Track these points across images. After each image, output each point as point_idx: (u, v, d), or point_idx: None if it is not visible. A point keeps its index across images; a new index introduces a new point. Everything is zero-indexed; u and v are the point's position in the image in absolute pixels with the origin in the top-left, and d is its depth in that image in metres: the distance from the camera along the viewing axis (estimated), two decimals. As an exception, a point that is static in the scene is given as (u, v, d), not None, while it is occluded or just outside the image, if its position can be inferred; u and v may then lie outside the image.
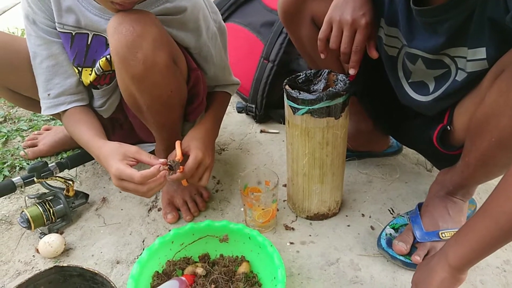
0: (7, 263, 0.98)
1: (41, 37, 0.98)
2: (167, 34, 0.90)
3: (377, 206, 1.09)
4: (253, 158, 1.31)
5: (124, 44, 0.83)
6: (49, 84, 1.01)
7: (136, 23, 0.82)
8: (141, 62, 0.84)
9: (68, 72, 1.02)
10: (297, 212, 1.07)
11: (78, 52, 0.99)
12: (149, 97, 0.92)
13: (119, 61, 0.86)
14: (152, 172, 0.84)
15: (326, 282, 0.89)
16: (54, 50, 1.00)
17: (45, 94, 1.02)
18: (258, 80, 1.42)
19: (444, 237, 0.88)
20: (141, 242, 1.02)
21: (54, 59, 1.00)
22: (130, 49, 0.83)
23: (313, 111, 0.86)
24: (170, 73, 0.91)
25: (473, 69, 0.77)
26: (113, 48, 0.85)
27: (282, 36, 1.37)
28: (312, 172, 0.95)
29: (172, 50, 0.91)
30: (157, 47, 0.85)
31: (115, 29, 0.83)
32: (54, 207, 1.03)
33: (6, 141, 1.44)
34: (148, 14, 0.85)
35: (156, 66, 0.86)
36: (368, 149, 1.25)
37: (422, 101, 0.90)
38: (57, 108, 1.02)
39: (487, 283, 0.88)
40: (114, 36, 0.84)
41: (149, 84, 0.89)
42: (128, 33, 0.82)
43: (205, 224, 0.92)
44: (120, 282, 0.92)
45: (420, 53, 0.84)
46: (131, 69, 0.86)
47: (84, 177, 1.25)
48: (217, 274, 0.85)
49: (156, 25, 0.86)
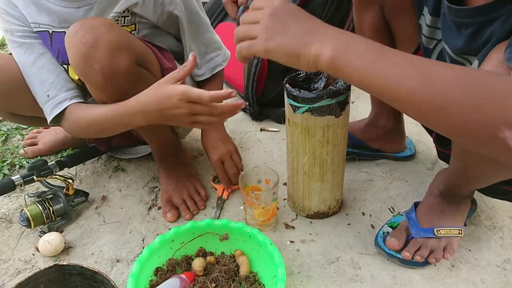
0: (7, 262, 0.98)
1: (22, 44, 0.96)
2: (126, 39, 0.88)
3: (377, 205, 1.09)
4: (253, 157, 1.30)
5: (79, 57, 0.82)
6: (45, 85, 0.97)
7: (87, 33, 0.81)
8: (98, 73, 0.83)
9: (58, 70, 0.99)
10: (297, 211, 1.07)
11: (60, 48, 0.96)
12: (118, 102, 0.90)
13: (79, 74, 0.86)
14: (223, 92, 0.79)
15: (326, 281, 0.89)
16: (37, 50, 0.97)
17: (44, 97, 0.98)
18: (247, 77, 1.42)
19: (439, 234, 0.88)
20: (141, 241, 1.02)
21: (40, 60, 0.97)
22: (85, 61, 0.82)
23: (313, 110, 0.85)
24: (135, 77, 0.89)
25: None
26: (71, 62, 0.85)
27: None
28: (312, 171, 0.95)
29: (135, 53, 0.89)
30: (114, 54, 0.83)
31: (70, 42, 0.82)
32: (54, 206, 1.03)
33: (5, 139, 1.43)
34: (103, 21, 0.84)
35: (116, 74, 0.85)
36: (382, 148, 1.23)
37: None
38: (60, 106, 0.97)
39: (488, 282, 0.88)
40: (70, 50, 0.83)
41: (113, 91, 0.88)
42: (81, 45, 0.81)
43: (205, 223, 0.92)
44: (120, 280, 0.91)
45: (447, 49, 0.82)
46: (91, 80, 0.86)
47: (84, 175, 1.25)
48: (217, 273, 0.85)
49: (111, 31, 0.84)
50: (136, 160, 1.29)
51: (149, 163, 1.27)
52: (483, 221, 1.02)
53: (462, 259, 0.93)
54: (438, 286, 0.87)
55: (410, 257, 0.88)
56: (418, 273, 0.90)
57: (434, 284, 0.88)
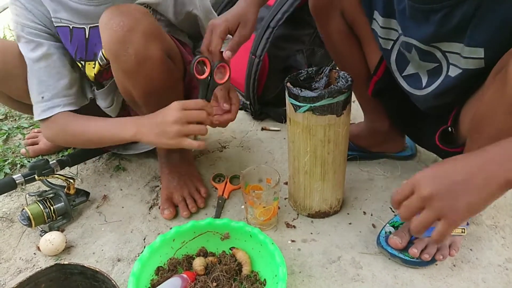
0: (8, 261, 0.98)
1: (30, 41, 0.96)
2: (159, 28, 0.90)
3: (378, 204, 1.09)
4: (254, 156, 1.30)
5: (115, 40, 0.83)
6: (42, 86, 0.98)
7: (126, 17, 0.82)
8: (132, 57, 0.84)
9: (61, 73, 0.99)
10: (298, 210, 1.07)
11: (79, 45, 0.98)
12: (143, 92, 0.92)
13: (111, 56, 0.86)
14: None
15: (327, 280, 0.89)
16: (44, 50, 0.97)
17: (38, 97, 0.98)
18: (248, 76, 1.42)
19: None
20: (142, 240, 1.02)
21: (45, 60, 0.97)
22: (121, 44, 0.83)
23: (314, 109, 0.85)
24: (164, 67, 0.91)
25: (468, 66, 0.77)
26: (104, 43, 0.85)
27: (268, 31, 1.36)
28: (313, 170, 0.95)
29: (165, 45, 0.91)
30: (149, 41, 0.85)
31: (106, 24, 0.83)
32: (54, 205, 1.03)
33: (7, 138, 1.44)
34: (139, 8, 0.85)
35: (149, 60, 0.86)
36: (383, 149, 1.23)
37: (417, 94, 0.91)
38: (52, 110, 0.98)
39: (489, 281, 0.88)
40: (105, 32, 0.83)
41: (142, 78, 0.89)
42: (118, 28, 0.82)
43: (206, 222, 0.92)
44: (121, 280, 0.91)
45: (414, 41, 0.84)
46: (124, 64, 0.86)
47: (85, 174, 1.25)
48: (218, 272, 0.85)
49: (147, 18, 0.85)
50: (137, 159, 1.29)
51: (150, 162, 1.27)
52: (484, 221, 1.02)
53: (463, 258, 0.93)
54: (440, 285, 0.87)
55: (417, 254, 0.88)
56: (420, 272, 0.90)
57: (435, 284, 0.88)
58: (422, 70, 0.88)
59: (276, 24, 1.35)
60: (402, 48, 0.88)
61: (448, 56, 0.80)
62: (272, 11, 1.37)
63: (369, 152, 1.23)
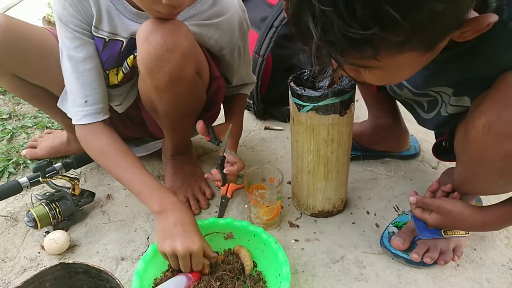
0: (13, 260, 0.99)
1: (77, 38, 0.91)
2: (196, 46, 0.88)
3: (382, 204, 1.08)
4: (257, 155, 1.30)
5: (153, 57, 0.81)
6: (86, 89, 0.93)
7: (167, 36, 0.80)
8: (167, 76, 0.83)
9: (102, 79, 0.96)
10: (301, 210, 1.07)
11: (109, 57, 0.95)
12: (168, 107, 0.92)
13: (145, 71, 0.85)
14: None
15: (330, 280, 0.89)
16: (91, 51, 0.93)
17: (81, 100, 0.93)
18: None
19: (446, 235, 0.87)
20: (146, 239, 1.02)
21: (91, 61, 0.93)
22: (158, 62, 0.81)
23: (318, 108, 0.85)
24: (193, 85, 0.91)
25: (455, 111, 0.80)
26: (140, 57, 0.83)
27: (272, 30, 1.37)
28: (316, 169, 0.95)
29: (198, 62, 0.90)
30: (185, 62, 0.84)
31: (146, 39, 0.80)
32: (60, 207, 1.03)
33: (11, 138, 1.44)
34: (181, 26, 0.82)
35: (181, 81, 0.85)
36: (386, 148, 1.23)
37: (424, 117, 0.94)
38: (95, 117, 0.94)
39: (493, 281, 0.87)
40: (144, 46, 0.81)
41: (171, 95, 0.89)
42: (158, 46, 0.79)
43: (210, 222, 0.92)
44: (125, 278, 0.92)
45: (408, 85, 0.86)
46: (156, 81, 0.85)
47: (89, 174, 1.25)
48: (222, 271, 0.85)
49: (187, 38, 0.83)
50: (141, 159, 1.28)
51: (153, 161, 1.27)
52: (488, 220, 1.01)
53: (467, 258, 0.92)
54: (443, 285, 0.87)
55: (419, 259, 0.88)
56: (423, 272, 0.90)
57: (439, 283, 0.87)
58: (419, 100, 0.91)
59: (279, 23, 1.35)
60: (394, 85, 0.90)
61: (442, 95, 0.83)
62: (276, 10, 1.37)
63: (372, 151, 1.22)
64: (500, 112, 0.62)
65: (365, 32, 0.49)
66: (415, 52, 0.57)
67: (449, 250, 0.89)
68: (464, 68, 0.70)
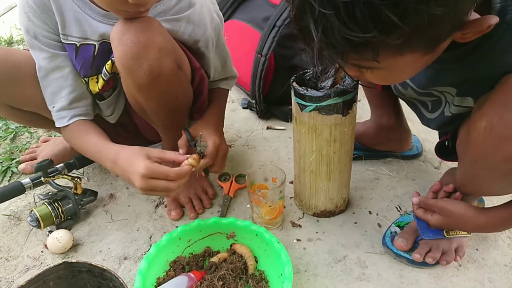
0: (16, 259, 0.99)
1: (44, 50, 0.94)
2: (171, 40, 0.89)
3: (384, 204, 1.08)
4: (259, 155, 1.30)
5: (129, 56, 0.81)
6: (55, 97, 0.97)
7: (140, 33, 0.80)
8: (147, 73, 0.83)
9: (74, 85, 0.97)
10: (304, 209, 1.07)
11: (84, 63, 0.95)
12: (155, 104, 0.92)
13: (125, 72, 0.85)
14: (186, 170, 0.85)
15: (333, 279, 0.89)
16: (58, 63, 0.95)
17: (50, 107, 0.98)
18: (254, 75, 1.42)
19: (449, 236, 0.87)
20: (148, 238, 1.02)
21: (59, 72, 0.95)
22: (135, 61, 0.82)
23: (320, 108, 0.85)
24: (176, 79, 0.90)
25: (459, 112, 0.80)
26: (118, 59, 0.84)
27: (274, 30, 1.36)
28: (319, 169, 0.95)
29: (177, 56, 0.90)
30: (163, 56, 0.84)
31: (120, 40, 0.81)
32: (63, 206, 1.03)
33: (14, 137, 1.45)
34: (153, 22, 0.83)
35: (162, 76, 0.85)
36: (388, 148, 1.22)
37: (428, 117, 0.93)
38: (60, 121, 0.99)
39: (495, 281, 0.88)
40: (119, 48, 0.82)
41: (155, 92, 0.89)
42: (132, 45, 0.80)
43: (212, 221, 0.92)
44: (127, 278, 0.92)
45: (409, 83, 0.86)
46: (137, 80, 0.85)
47: (91, 173, 1.26)
48: (224, 271, 0.85)
49: (161, 33, 0.84)
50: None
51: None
52: (490, 220, 1.01)
53: (469, 258, 0.93)
54: (445, 285, 0.87)
55: (421, 259, 0.88)
56: (425, 272, 0.90)
57: (441, 283, 0.88)
58: (423, 100, 0.90)
59: (282, 23, 1.35)
60: (398, 84, 0.90)
61: (445, 95, 0.83)
62: (278, 10, 1.37)
63: (374, 151, 1.22)
64: (501, 114, 0.62)
65: (365, 35, 0.50)
66: (415, 54, 0.57)
67: (451, 250, 0.89)
68: (467, 68, 0.71)
